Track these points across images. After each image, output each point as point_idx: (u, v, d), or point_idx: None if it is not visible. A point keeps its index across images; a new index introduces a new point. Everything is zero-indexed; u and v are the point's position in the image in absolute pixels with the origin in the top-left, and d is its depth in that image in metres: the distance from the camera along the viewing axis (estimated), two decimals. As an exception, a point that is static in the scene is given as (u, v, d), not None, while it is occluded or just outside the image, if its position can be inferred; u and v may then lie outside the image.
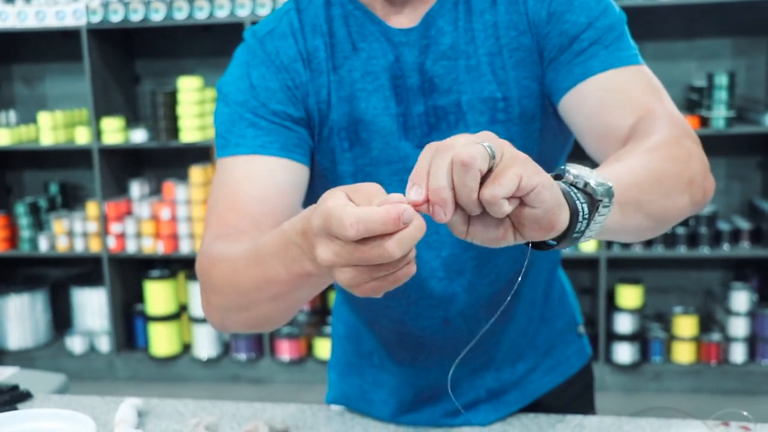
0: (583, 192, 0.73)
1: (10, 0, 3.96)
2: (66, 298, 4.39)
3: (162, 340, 4.04)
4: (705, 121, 3.60)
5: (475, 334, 1.16)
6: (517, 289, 1.17)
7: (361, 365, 1.28)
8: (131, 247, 4.01)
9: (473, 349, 1.19)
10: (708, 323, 3.91)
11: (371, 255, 0.64)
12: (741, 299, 3.70)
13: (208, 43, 4.16)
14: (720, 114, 3.56)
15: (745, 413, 1.11)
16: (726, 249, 3.68)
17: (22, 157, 4.42)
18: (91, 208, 4.01)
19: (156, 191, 4.23)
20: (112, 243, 4.01)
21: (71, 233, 4.08)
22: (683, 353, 3.75)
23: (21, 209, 4.11)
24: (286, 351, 3.96)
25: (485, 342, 1.19)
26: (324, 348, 3.91)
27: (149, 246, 4.00)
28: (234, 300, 0.94)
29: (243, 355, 4.02)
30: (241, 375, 4.04)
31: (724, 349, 3.76)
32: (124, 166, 4.19)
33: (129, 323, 4.21)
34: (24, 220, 4.11)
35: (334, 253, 0.66)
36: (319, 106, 1.07)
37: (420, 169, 0.66)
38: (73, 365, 4.12)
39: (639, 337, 3.78)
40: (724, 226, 3.71)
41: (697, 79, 3.83)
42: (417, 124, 1.07)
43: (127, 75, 4.22)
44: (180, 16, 3.75)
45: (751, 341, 3.74)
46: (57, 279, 4.48)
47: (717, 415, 1.13)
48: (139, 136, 3.92)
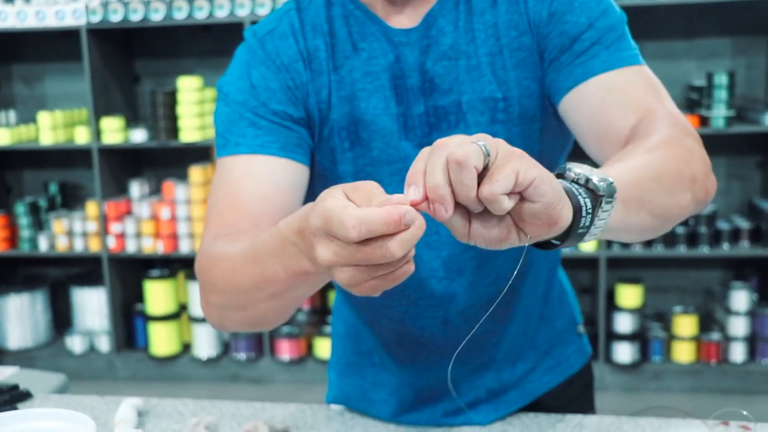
0: (585, 188, 0.73)
1: (10, 0, 3.96)
2: (66, 298, 4.39)
3: (162, 340, 4.04)
4: (705, 121, 3.60)
5: (476, 333, 1.17)
6: (517, 288, 1.17)
7: (361, 365, 1.28)
8: (131, 246, 4.01)
9: (473, 349, 1.19)
10: (708, 323, 3.91)
11: (373, 255, 0.64)
12: (741, 299, 3.70)
13: (208, 42, 4.16)
14: (720, 113, 3.56)
15: (745, 413, 1.11)
16: (726, 248, 3.68)
17: (22, 156, 4.42)
18: (91, 207, 4.01)
19: (156, 191, 4.23)
20: (112, 243, 4.01)
21: (71, 233, 4.08)
22: (683, 353, 3.75)
23: (21, 209, 4.11)
24: (286, 351, 3.96)
25: (485, 342, 1.19)
26: (324, 348, 3.91)
27: (149, 246, 4.00)
28: (233, 299, 0.94)
29: (243, 355, 4.02)
30: (240, 375, 4.04)
31: (723, 348, 3.76)
32: (124, 166, 4.19)
33: (129, 323, 4.21)
34: (24, 220, 4.11)
35: (334, 253, 0.66)
36: (319, 106, 1.07)
37: (416, 168, 0.67)
38: (72, 365, 4.12)
39: (639, 337, 3.78)
40: (723, 225, 3.71)
41: (696, 78, 3.83)
42: (417, 124, 1.06)
43: (127, 75, 4.22)
44: (180, 15, 3.75)
45: (751, 341, 3.74)
46: (57, 279, 4.48)
47: (717, 415, 1.13)
48: (138, 136, 3.93)
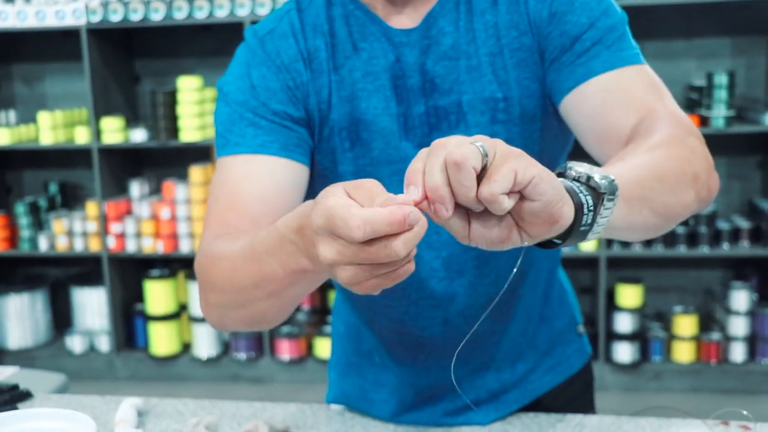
0: (586, 186, 0.73)
1: (10, 0, 3.96)
2: (66, 298, 4.39)
3: (162, 340, 4.04)
4: (704, 121, 3.60)
5: (476, 333, 1.17)
6: (517, 288, 1.17)
7: (362, 364, 1.28)
8: (131, 246, 4.01)
9: (474, 349, 1.19)
10: (708, 322, 3.91)
11: (377, 255, 0.65)
12: (741, 298, 3.70)
13: (208, 42, 4.16)
14: (719, 113, 3.56)
15: (745, 412, 1.11)
16: (726, 248, 3.68)
17: (22, 156, 4.42)
18: (91, 207, 4.01)
19: (156, 191, 4.23)
20: (112, 242, 4.01)
21: (71, 233, 4.08)
22: (683, 352, 3.75)
23: (21, 209, 4.11)
24: (286, 350, 3.96)
25: (485, 342, 1.19)
26: (324, 347, 3.91)
27: (149, 245, 4.00)
28: (232, 298, 0.95)
29: (243, 355, 4.02)
30: (241, 374, 4.04)
31: (723, 348, 3.76)
32: (124, 166, 4.19)
33: (129, 323, 4.21)
34: (24, 220, 4.11)
35: (337, 251, 0.66)
36: (319, 106, 1.07)
37: (414, 168, 0.67)
38: (73, 365, 4.12)
39: (639, 337, 3.78)
40: (723, 225, 3.71)
41: (696, 78, 3.83)
42: (418, 124, 1.06)
43: (127, 75, 4.22)
44: (180, 15, 3.75)
45: (751, 340, 3.74)
46: (57, 278, 4.48)
47: (717, 415, 1.13)
48: (138, 136, 3.93)
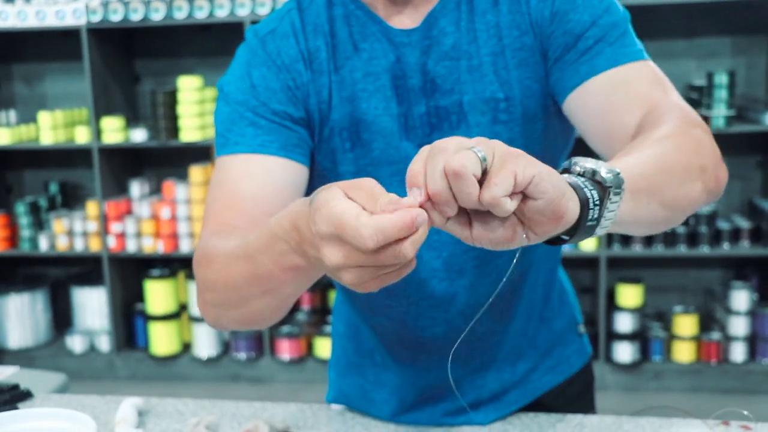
0: (592, 181, 0.73)
1: (11, 0, 3.96)
2: (66, 298, 4.39)
3: (162, 340, 4.04)
4: (705, 120, 3.57)
5: (476, 334, 1.17)
6: (517, 288, 1.17)
7: (362, 364, 1.28)
8: (131, 246, 4.01)
9: (474, 349, 1.19)
10: (708, 322, 3.91)
11: (386, 259, 0.65)
12: (741, 298, 3.70)
13: (208, 42, 4.16)
14: (720, 113, 3.56)
15: (746, 412, 1.11)
16: (726, 248, 3.68)
17: (22, 156, 4.42)
18: (91, 207, 4.01)
19: (156, 190, 4.23)
20: (112, 242, 4.01)
21: (71, 233, 4.08)
22: (683, 352, 3.75)
23: (21, 209, 4.11)
24: (286, 350, 3.96)
25: (486, 342, 1.19)
26: (324, 347, 3.91)
27: (149, 245, 4.00)
28: (227, 297, 0.95)
29: (243, 355, 4.02)
30: (241, 374, 4.04)
31: (724, 348, 3.76)
32: (124, 166, 4.19)
33: (129, 322, 4.21)
34: (24, 220, 4.11)
35: (344, 256, 0.66)
36: (319, 107, 1.07)
37: (416, 171, 0.67)
38: (73, 364, 4.12)
39: (639, 337, 3.78)
40: (724, 225, 3.70)
41: (696, 78, 3.83)
42: (418, 124, 1.06)
43: (127, 74, 4.21)
44: (180, 15, 3.75)
45: (752, 340, 3.74)
46: (57, 278, 4.48)
47: (717, 414, 1.13)
48: (139, 136, 3.92)
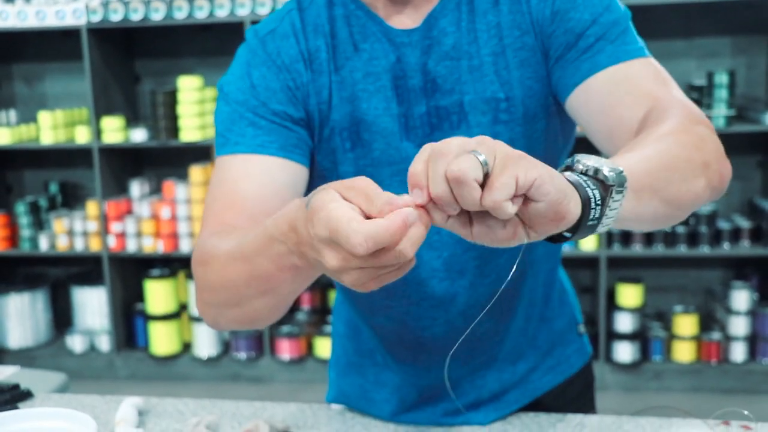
0: (594, 179, 0.72)
1: (11, 0, 3.96)
2: (66, 297, 4.39)
3: (162, 339, 4.04)
4: (705, 120, 3.60)
5: (477, 333, 1.17)
6: (518, 288, 1.17)
7: (363, 364, 1.28)
8: (131, 246, 4.01)
9: (474, 349, 1.19)
10: (708, 322, 3.90)
11: (386, 260, 0.65)
12: (741, 298, 3.70)
13: (208, 42, 4.16)
14: (720, 113, 3.56)
15: (746, 412, 1.11)
16: (726, 248, 3.68)
17: (23, 156, 4.42)
18: (91, 207, 4.01)
19: (156, 190, 4.23)
20: (113, 242, 4.01)
21: (71, 232, 4.08)
22: (683, 352, 3.75)
23: (21, 208, 4.11)
24: (286, 350, 3.96)
25: (486, 342, 1.19)
26: (324, 347, 3.91)
27: (149, 245, 4.00)
28: (225, 297, 0.95)
29: (243, 354, 4.02)
30: (241, 374, 4.04)
31: (724, 348, 3.76)
32: (124, 166, 4.19)
33: (129, 322, 4.21)
34: (24, 220, 4.11)
35: (343, 259, 0.66)
36: (319, 107, 1.07)
37: (418, 171, 0.66)
38: (73, 364, 4.12)
39: (639, 336, 3.78)
40: (724, 225, 3.70)
41: (697, 77, 3.83)
42: (419, 124, 1.06)
43: (127, 74, 4.21)
44: (180, 15, 3.75)
45: (752, 340, 3.74)
46: (57, 278, 4.48)
47: (718, 414, 1.13)
48: (139, 136, 3.92)
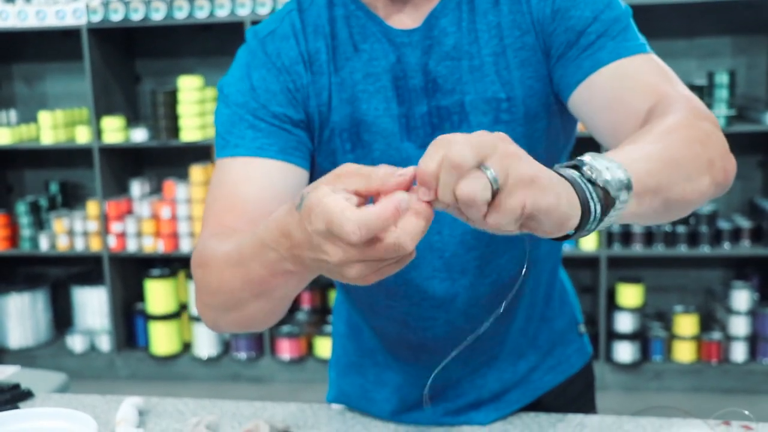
0: (599, 188, 0.72)
1: (11, 0, 3.96)
2: (66, 297, 4.39)
3: (162, 339, 4.04)
4: (707, 119, 3.59)
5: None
6: (519, 288, 1.17)
7: (363, 364, 1.28)
8: (132, 246, 4.01)
9: (475, 349, 1.19)
10: (709, 322, 3.90)
11: (385, 253, 0.65)
12: (742, 298, 3.69)
13: (209, 42, 4.16)
14: (720, 113, 3.56)
15: (747, 412, 1.11)
16: (726, 248, 3.68)
17: (23, 156, 4.42)
18: (92, 207, 4.01)
19: (156, 190, 4.23)
20: (113, 242, 4.01)
21: (72, 232, 4.08)
22: (684, 352, 3.75)
23: (21, 208, 4.11)
24: (286, 350, 3.96)
25: (487, 342, 1.19)
26: (324, 347, 3.91)
27: (150, 245, 4.00)
28: (223, 300, 0.95)
29: (243, 354, 4.02)
30: (241, 374, 4.04)
31: (724, 348, 3.76)
32: (125, 165, 4.19)
33: (129, 322, 4.21)
34: (24, 219, 4.11)
35: (344, 251, 0.66)
36: (319, 109, 1.07)
37: (429, 172, 0.65)
38: (73, 364, 4.12)
39: (639, 336, 3.78)
40: (724, 224, 3.70)
41: (697, 77, 3.82)
42: (420, 124, 1.06)
43: (128, 74, 4.21)
44: (180, 15, 3.75)
45: (752, 340, 3.74)
46: (57, 278, 4.48)
47: (718, 414, 1.13)
48: (139, 136, 3.92)
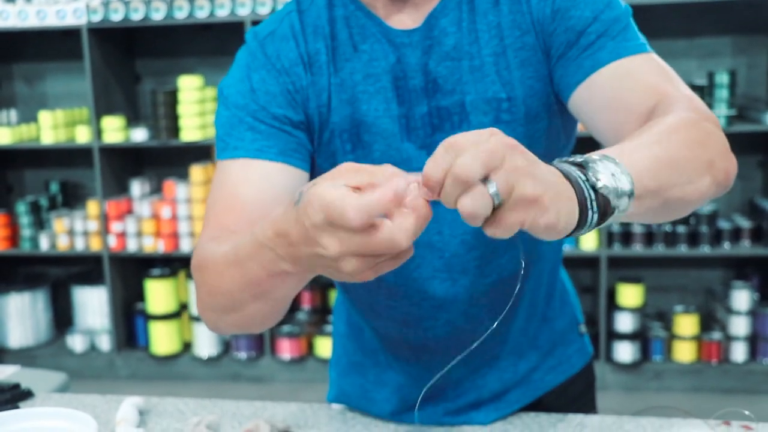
0: (600, 194, 0.72)
1: (11, -1, 3.96)
2: (67, 297, 4.39)
3: (162, 339, 4.04)
4: (707, 119, 3.59)
5: (478, 334, 1.16)
6: (520, 288, 1.17)
7: (364, 364, 1.28)
8: (132, 245, 4.01)
9: (476, 349, 1.19)
10: (709, 322, 3.90)
11: (380, 245, 0.65)
12: (742, 298, 3.69)
13: (209, 42, 4.16)
14: (721, 113, 3.56)
15: (747, 412, 1.11)
16: (727, 248, 3.68)
17: (23, 155, 4.42)
18: (92, 206, 4.01)
19: (156, 190, 4.23)
20: (113, 242, 4.01)
21: (72, 232, 4.08)
22: (684, 352, 3.75)
23: (22, 208, 4.11)
24: (286, 350, 3.96)
25: (488, 342, 1.19)
26: (325, 347, 3.91)
27: (150, 245, 4.00)
28: (222, 301, 0.95)
29: (243, 354, 4.02)
30: (241, 374, 4.04)
31: (725, 348, 3.76)
32: (125, 165, 4.19)
33: (129, 322, 4.21)
34: (25, 219, 4.11)
35: (340, 242, 0.66)
36: (319, 110, 1.07)
37: (435, 179, 0.66)
38: (73, 364, 4.12)
39: (640, 336, 3.78)
40: (724, 224, 3.70)
41: (697, 77, 3.82)
42: (420, 125, 1.06)
43: (128, 74, 4.21)
44: (180, 15, 3.75)
45: (752, 340, 3.74)
46: (58, 277, 4.48)
47: (718, 414, 1.13)
48: (139, 135, 3.92)
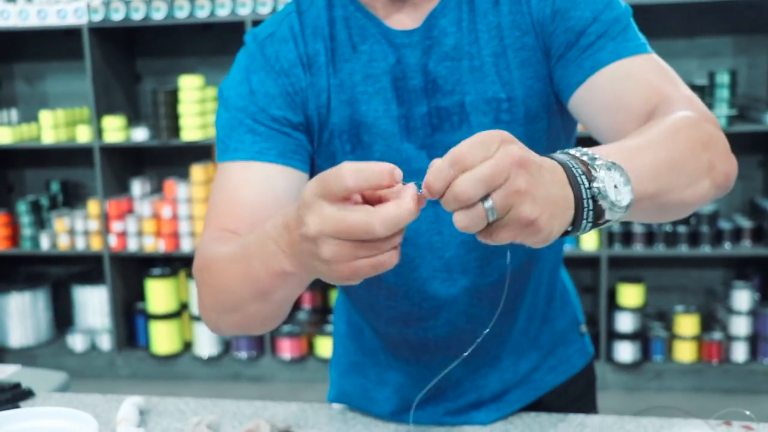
0: (598, 204, 0.72)
1: (12, -2, 3.96)
2: (67, 296, 4.39)
3: (163, 339, 4.04)
4: (707, 119, 3.59)
5: (479, 334, 1.16)
6: (521, 288, 1.17)
7: (365, 364, 1.28)
8: (132, 245, 4.01)
9: (476, 349, 1.19)
10: (709, 322, 3.90)
11: (356, 225, 0.67)
12: (742, 298, 3.69)
13: (209, 41, 4.16)
14: (721, 112, 3.55)
15: (748, 412, 1.11)
16: (727, 248, 3.68)
17: (24, 155, 4.42)
18: (93, 206, 4.01)
19: (157, 189, 4.23)
20: (114, 241, 4.01)
21: (72, 231, 4.08)
22: (684, 352, 3.75)
23: (22, 207, 4.11)
24: (287, 349, 3.96)
25: (488, 342, 1.19)
26: (325, 346, 3.91)
27: (150, 244, 4.00)
28: (223, 301, 0.95)
29: (244, 354, 4.02)
30: (242, 373, 4.04)
31: (725, 348, 3.76)
32: (126, 165, 4.19)
33: (130, 321, 4.21)
34: (25, 219, 4.11)
35: (321, 218, 0.68)
36: (318, 111, 1.07)
37: (436, 189, 0.67)
38: (74, 363, 4.12)
39: (640, 336, 3.78)
40: (725, 224, 3.70)
41: (698, 77, 3.82)
42: (419, 125, 1.06)
43: (129, 73, 4.21)
44: (181, 14, 3.75)
45: (753, 340, 3.73)
46: (58, 277, 4.48)
47: (719, 415, 1.13)
48: (140, 135, 3.93)
